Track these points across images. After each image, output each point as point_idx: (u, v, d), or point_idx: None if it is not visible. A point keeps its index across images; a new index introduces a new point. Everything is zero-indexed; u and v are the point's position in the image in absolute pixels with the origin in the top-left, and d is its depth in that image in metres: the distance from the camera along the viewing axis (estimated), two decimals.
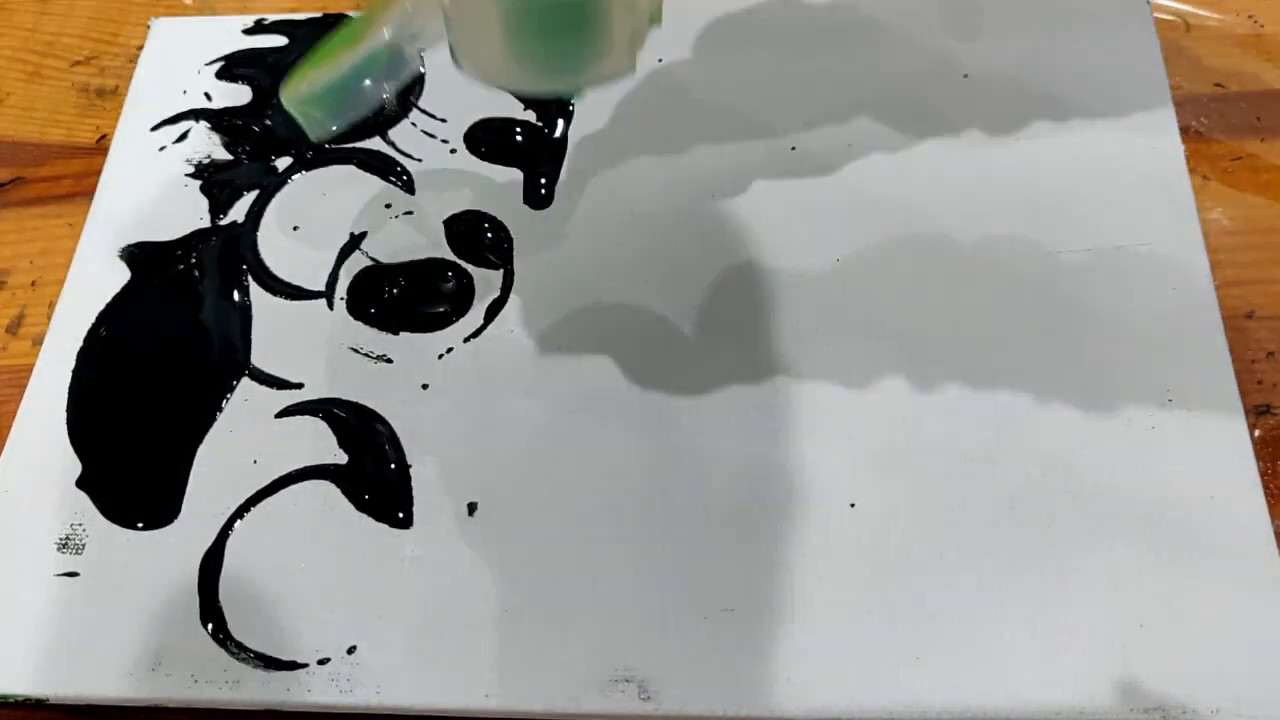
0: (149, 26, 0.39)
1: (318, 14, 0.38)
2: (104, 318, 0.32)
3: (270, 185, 0.34)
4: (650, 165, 0.33)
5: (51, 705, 0.27)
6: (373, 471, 0.29)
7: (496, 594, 0.27)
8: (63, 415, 0.31)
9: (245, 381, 0.31)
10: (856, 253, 0.31)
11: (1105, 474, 0.27)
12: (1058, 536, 0.26)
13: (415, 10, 0.25)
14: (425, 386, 0.30)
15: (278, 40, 0.38)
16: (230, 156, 0.35)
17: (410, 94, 0.36)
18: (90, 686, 0.27)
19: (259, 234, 0.33)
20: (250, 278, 0.33)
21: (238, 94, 0.37)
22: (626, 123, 0.34)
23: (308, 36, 0.37)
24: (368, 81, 0.26)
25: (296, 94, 0.27)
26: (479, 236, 0.33)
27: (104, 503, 0.29)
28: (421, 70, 0.27)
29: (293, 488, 0.29)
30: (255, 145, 0.35)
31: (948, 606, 0.26)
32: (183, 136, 0.36)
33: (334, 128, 0.27)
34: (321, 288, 0.32)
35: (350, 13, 0.37)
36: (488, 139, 0.34)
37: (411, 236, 0.33)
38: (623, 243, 0.32)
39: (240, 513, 0.29)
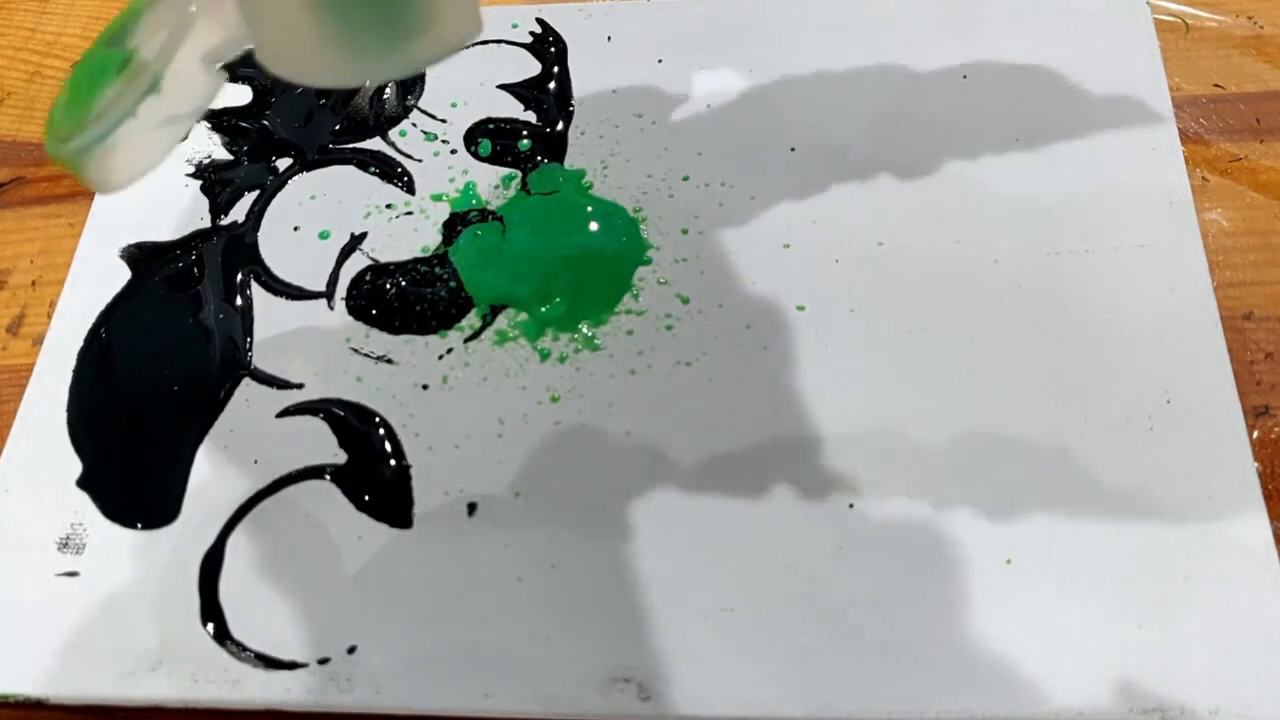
0: None
1: None
2: (104, 318, 0.32)
3: (270, 185, 0.34)
4: (649, 166, 0.33)
5: (51, 705, 0.27)
6: (373, 472, 0.29)
7: (496, 594, 0.27)
8: (63, 415, 0.31)
9: (245, 381, 0.31)
10: (856, 253, 0.31)
11: (1104, 474, 0.27)
12: (1056, 536, 0.26)
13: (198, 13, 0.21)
14: (425, 386, 0.30)
15: None
16: (230, 156, 0.35)
17: (410, 94, 0.36)
18: (90, 686, 0.27)
19: (259, 234, 0.33)
20: (250, 278, 0.33)
21: (238, 94, 0.37)
22: (626, 123, 0.34)
23: None
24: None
25: (67, 146, 0.21)
26: None
27: (104, 503, 0.29)
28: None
29: (293, 488, 0.29)
30: (255, 145, 0.35)
31: (947, 607, 0.26)
32: (183, 136, 0.36)
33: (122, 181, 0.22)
34: (321, 288, 0.32)
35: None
36: (488, 139, 0.34)
37: (411, 236, 0.33)
38: None
39: (240, 513, 0.29)
